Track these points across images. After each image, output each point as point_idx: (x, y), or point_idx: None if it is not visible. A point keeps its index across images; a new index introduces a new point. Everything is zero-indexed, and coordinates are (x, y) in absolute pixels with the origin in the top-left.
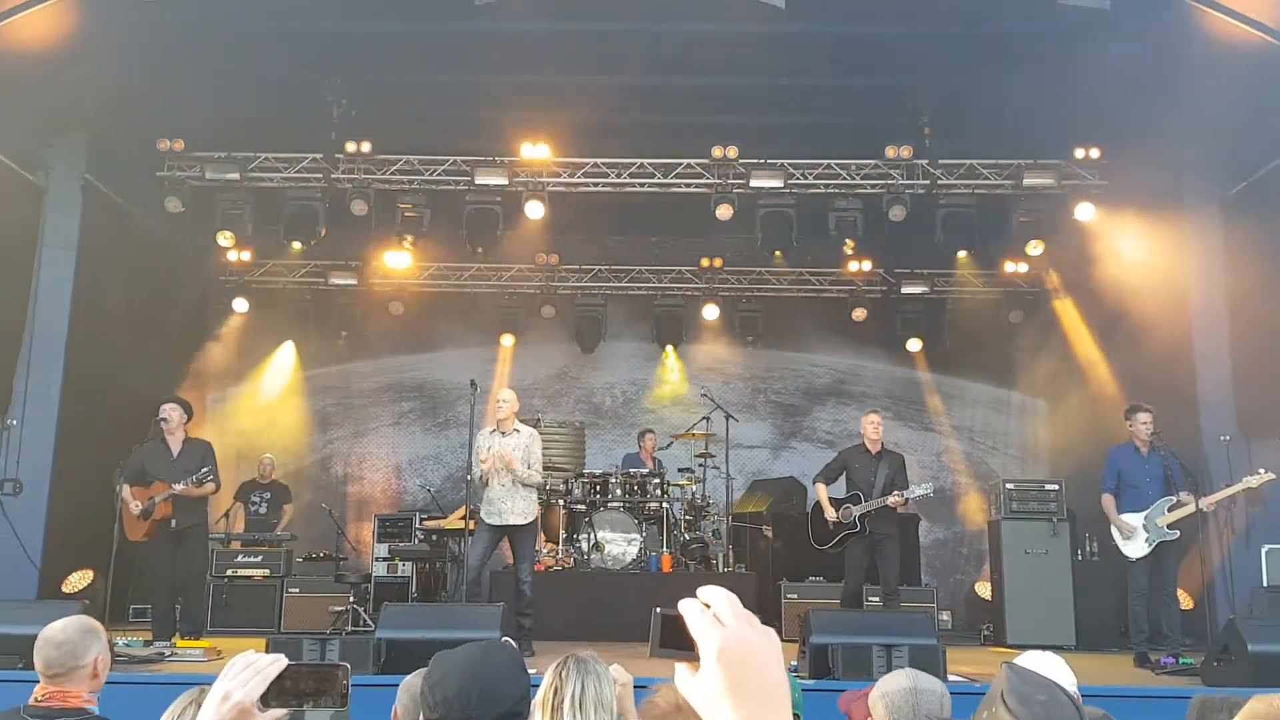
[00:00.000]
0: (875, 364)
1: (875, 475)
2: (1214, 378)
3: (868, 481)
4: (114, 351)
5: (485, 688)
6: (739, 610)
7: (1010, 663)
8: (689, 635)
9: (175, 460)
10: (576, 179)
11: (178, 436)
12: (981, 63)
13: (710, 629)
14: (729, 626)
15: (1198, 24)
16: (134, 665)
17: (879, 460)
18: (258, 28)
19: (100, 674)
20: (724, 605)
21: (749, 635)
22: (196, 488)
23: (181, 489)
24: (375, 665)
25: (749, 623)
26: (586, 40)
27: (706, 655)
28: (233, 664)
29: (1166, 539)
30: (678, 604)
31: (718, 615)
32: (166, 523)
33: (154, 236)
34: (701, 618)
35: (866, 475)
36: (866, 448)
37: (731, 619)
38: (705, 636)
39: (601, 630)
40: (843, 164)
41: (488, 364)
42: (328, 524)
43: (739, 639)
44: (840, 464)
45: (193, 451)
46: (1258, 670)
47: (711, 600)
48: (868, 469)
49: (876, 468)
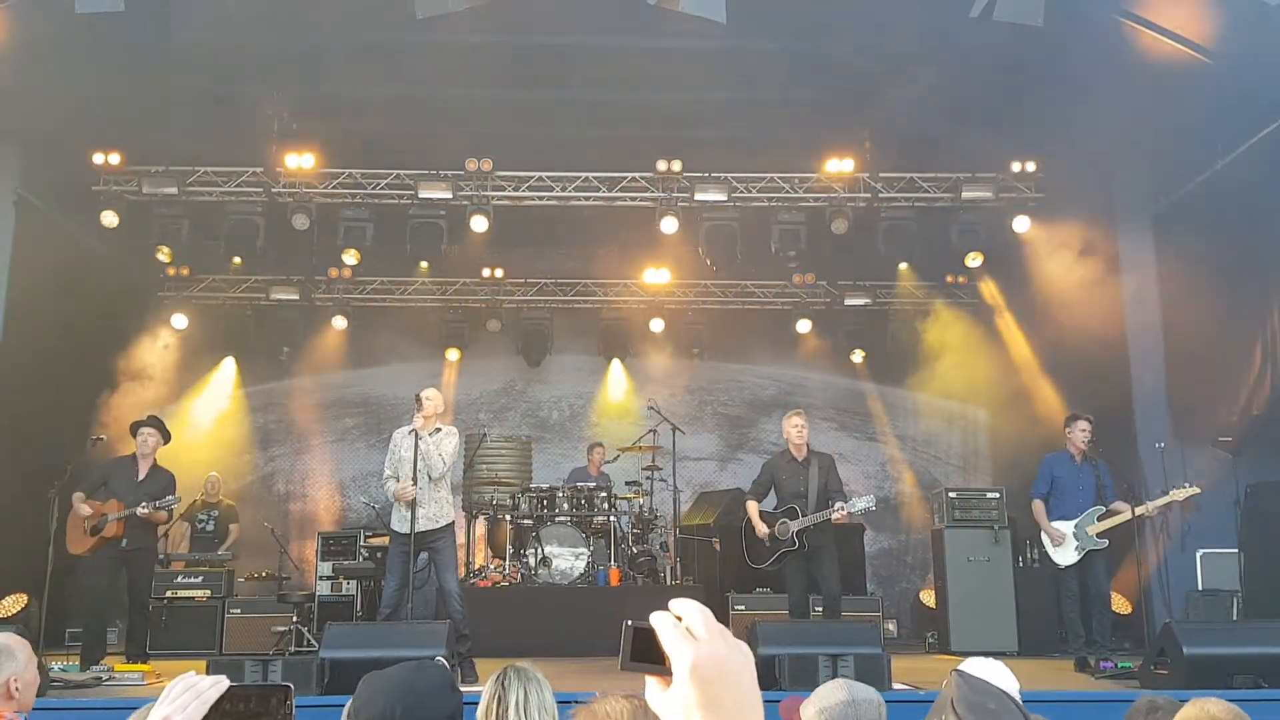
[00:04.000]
0: (820, 375)
1: (806, 483)
2: (1149, 386)
3: (799, 492)
4: (48, 369)
5: (410, 707)
6: (712, 624)
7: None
8: (660, 649)
9: (140, 484)
10: (521, 192)
11: (148, 461)
12: (920, 78)
13: (683, 644)
14: (702, 641)
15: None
16: (70, 690)
17: (807, 466)
18: (196, 39)
19: (16, 694)
20: (697, 619)
21: (723, 650)
22: (155, 514)
23: (144, 512)
24: (319, 686)
25: (722, 637)
26: (530, 54)
27: (679, 670)
28: (172, 687)
29: (1095, 548)
30: (649, 616)
31: (690, 629)
32: (116, 541)
33: (90, 252)
34: (674, 631)
35: (796, 485)
36: (792, 455)
37: (705, 633)
38: (678, 651)
39: (550, 646)
40: (785, 178)
41: (433, 378)
42: (270, 543)
43: (713, 654)
44: (767, 476)
45: (158, 480)
46: (1193, 673)
47: (684, 613)
48: (797, 478)
49: (806, 475)
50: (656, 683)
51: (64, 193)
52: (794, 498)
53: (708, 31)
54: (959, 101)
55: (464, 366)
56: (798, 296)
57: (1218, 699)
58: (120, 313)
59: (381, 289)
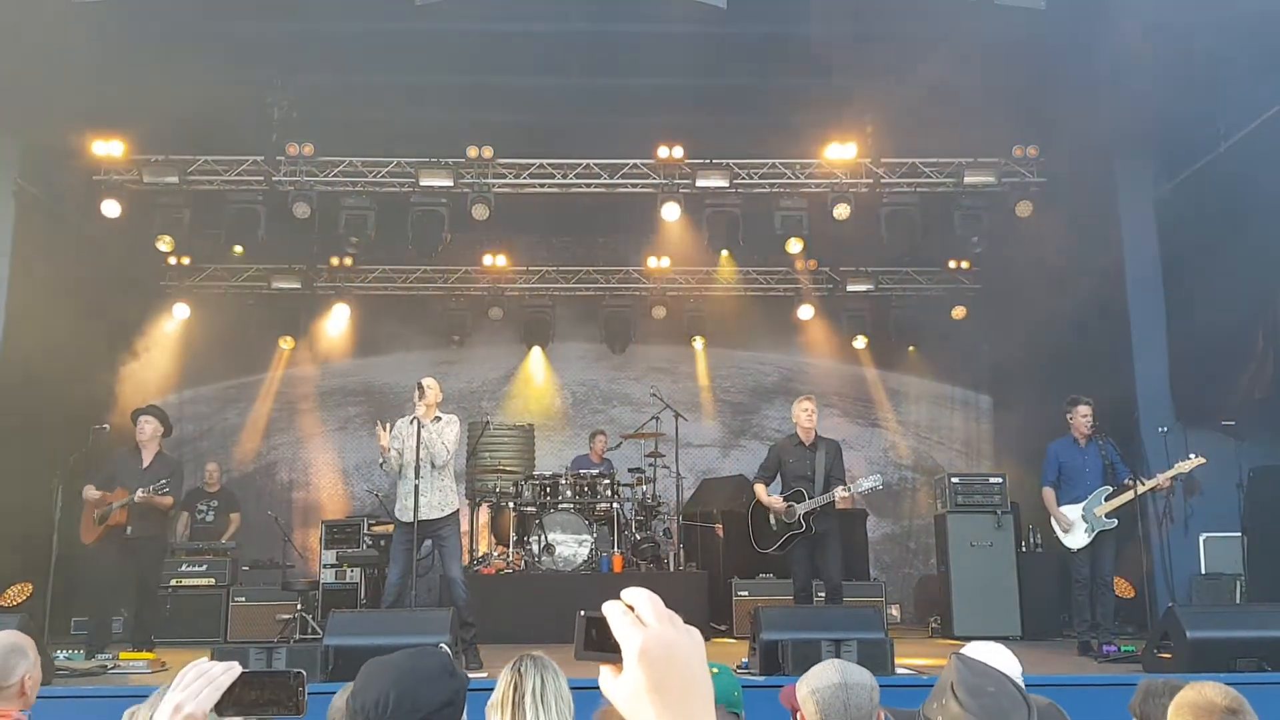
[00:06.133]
0: (822, 361)
1: (813, 468)
2: (1152, 370)
3: (805, 476)
4: (50, 360)
5: (403, 693)
6: (661, 611)
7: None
8: (613, 637)
9: (144, 471)
10: (522, 180)
11: (151, 449)
12: (922, 62)
13: (632, 630)
14: (650, 627)
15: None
16: (76, 679)
17: (814, 451)
18: (196, 28)
19: (28, 692)
20: (646, 606)
21: (670, 635)
22: (153, 498)
23: (141, 497)
24: (323, 673)
25: (671, 622)
26: (530, 41)
27: (629, 655)
28: (185, 673)
29: (1105, 528)
30: (601, 606)
31: (640, 616)
32: (121, 530)
33: (91, 242)
34: (624, 619)
35: (803, 469)
36: (800, 439)
37: (654, 619)
38: (627, 637)
39: (553, 632)
40: (787, 163)
41: (435, 366)
42: (273, 531)
43: (660, 639)
44: (774, 461)
45: (162, 465)
46: (1196, 657)
47: (634, 601)
48: (803, 462)
49: (813, 459)
50: (609, 670)
51: (65, 182)
52: (800, 481)
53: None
54: (961, 85)
55: (466, 355)
56: (800, 283)
57: (1215, 683)
58: (122, 303)
59: (383, 277)
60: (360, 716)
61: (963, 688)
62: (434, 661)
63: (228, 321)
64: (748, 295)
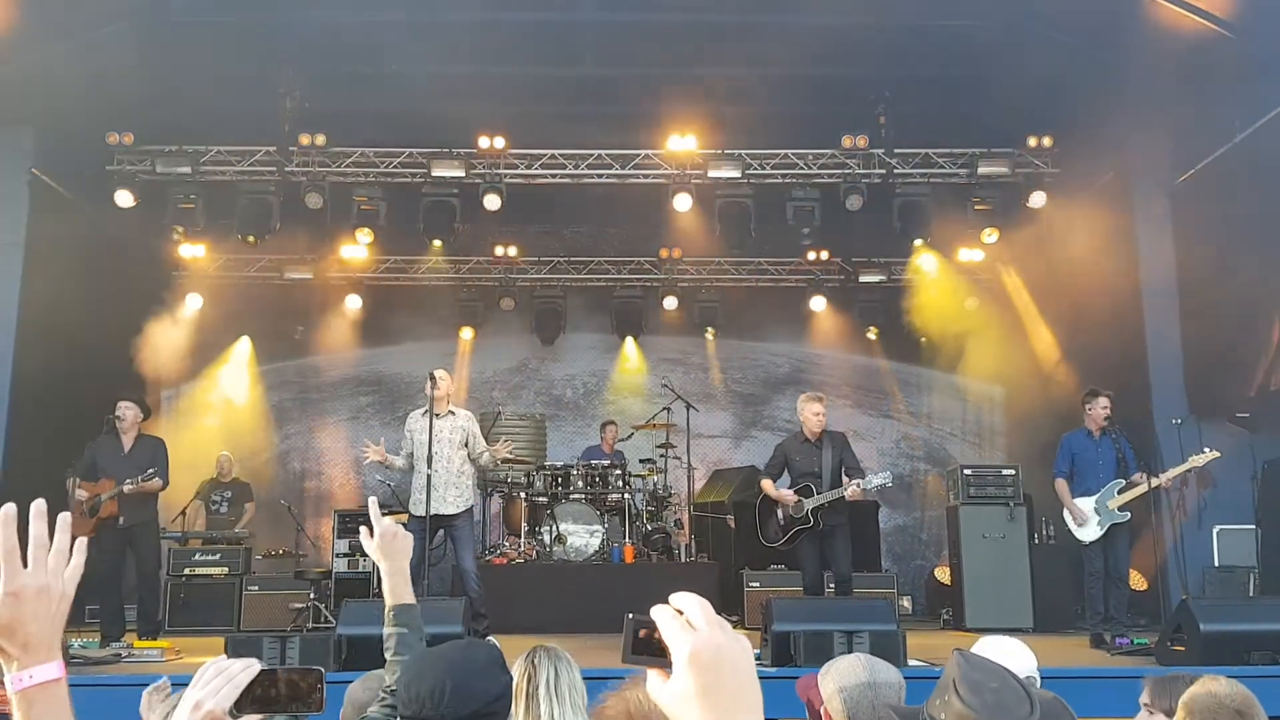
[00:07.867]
0: (834, 352)
1: (821, 463)
2: (1166, 362)
3: (813, 471)
4: (64, 350)
5: (458, 685)
6: (711, 616)
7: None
8: (661, 642)
9: (126, 457)
10: (534, 170)
11: (131, 435)
12: (936, 53)
13: (682, 634)
14: (701, 631)
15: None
16: (90, 667)
17: (820, 446)
18: (208, 19)
19: None
20: (696, 611)
21: (720, 640)
22: (142, 486)
23: (130, 488)
24: (336, 662)
25: (721, 628)
26: (540, 31)
27: (678, 659)
28: (204, 671)
29: (1118, 521)
30: (650, 611)
31: (689, 621)
32: (114, 520)
33: (104, 232)
34: (674, 623)
35: (810, 465)
36: (806, 436)
37: (704, 624)
38: (677, 642)
39: (565, 623)
40: (800, 154)
41: (446, 357)
42: (286, 520)
43: (710, 643)
44: (780, 458)
45: (144, 449)
46: (1209, 649)
47: (684, 606)
48: (810, 458)
49: (820, 455)
50: (657, 674)
51: (78, 172)
52: (808, 477)
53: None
54: (974, 76)
55: (478, 345)
56: (812, 274)
57: (1225, 678)
58: (135, 292)
59: (395, 268)
60: (415, 705)
61: (965, 685)
62: (485, 654)
63: (241, 311)
64: (759, 286)
